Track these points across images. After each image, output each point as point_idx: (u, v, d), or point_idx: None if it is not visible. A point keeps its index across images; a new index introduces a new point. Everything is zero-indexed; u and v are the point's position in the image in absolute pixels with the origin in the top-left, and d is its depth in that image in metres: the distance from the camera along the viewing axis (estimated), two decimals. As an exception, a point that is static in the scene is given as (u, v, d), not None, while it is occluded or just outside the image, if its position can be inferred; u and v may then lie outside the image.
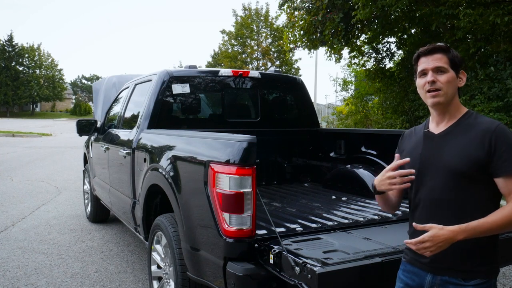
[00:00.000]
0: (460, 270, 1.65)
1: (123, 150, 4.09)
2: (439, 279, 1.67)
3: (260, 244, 2.35)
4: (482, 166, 1.62)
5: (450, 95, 1.70)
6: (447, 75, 1.68)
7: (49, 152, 15.89)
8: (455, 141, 1.69)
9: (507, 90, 8.22)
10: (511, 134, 1.63)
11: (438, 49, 1.70)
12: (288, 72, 25.57)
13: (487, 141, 1.61)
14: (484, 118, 1.71)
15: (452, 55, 1.71)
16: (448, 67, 1.69)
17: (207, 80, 4.44)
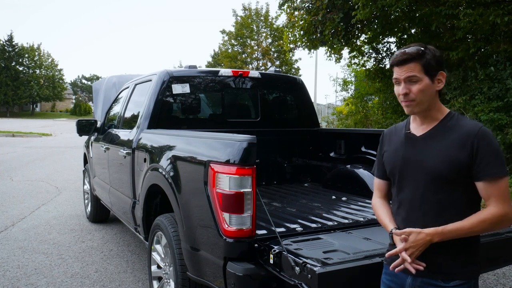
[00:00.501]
0: (440, 272, 1.65)
1: (123, 150, 4.09)
2: (419, 281, 1.68)
3: (260, 244, 2.35)
4: (464, 170, 1.61)
5: (426, 103, 1.67)
6: (420, 85, 1.64)
7: (49, 152, 15.89)
8: (436, 144, 1.68)
9: (507, 90, 8.21)
10: (493, 138, 1.63)
11: (410, 58, 1.64)
12: (288, 72, 25.57)
13: (469, 144, 1.60)
14: (466, 120, 1.69)
15: (426, 60, 1.64)
16: (421, 75, 1.64)
17: (207, 80, 4.44)
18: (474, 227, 1.57)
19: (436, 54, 1.67)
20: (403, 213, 1.75)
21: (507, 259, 2.70)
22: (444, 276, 1.64)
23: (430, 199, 1.67)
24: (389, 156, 1.83)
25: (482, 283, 3.91)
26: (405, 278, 1.72)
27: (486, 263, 2.63)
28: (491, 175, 1.58)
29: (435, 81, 1.67)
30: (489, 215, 1.58)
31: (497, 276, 4.07)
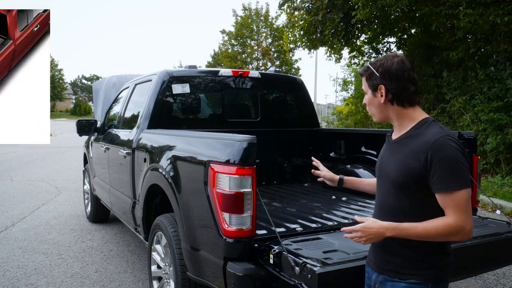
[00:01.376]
0: (396, 271, 1.69)
1: (123, 150, 4.09)
2: (381, 278, 1.75)
3: (260, 244, 2.35)
4: (419, 179, 1.61)
5: (378, 113, 1.76)
6: (366, 98, 1.78)
7: (49, 152, 15.89)
8: (399, 151, 1.70)
9: (507, 90, 8.21)
10: (449, 149, 1.56)
11: (361, 75, 1.78)
12: (288, 72, 25.56)
13: (423, 155, 1.58)
14: (433, 128, 1.64)
15: (368, 75, 1.73)
16: (367, 89, 1.76)
17: (207, 80, 4.44)
18: (427, 231, 1.57)
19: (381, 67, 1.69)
20: (375, 214, 1.82)
21: (507, 259, 2.70)
22: (399, 275, 1.68)
23: (392, 204, 1.71)
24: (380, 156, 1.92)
25: (482, 283, 3.91)
26: (372, 274, 1.80)
27: (486, 263, 2.64)
28: (444, 189, 1.56)
29: (376, 95, 1.72)
30: (443, 223, 1.56)
31: (497, 276, 4.07)
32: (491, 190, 7.54)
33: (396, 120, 1.74)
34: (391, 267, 1.71)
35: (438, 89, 10.20)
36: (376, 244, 1.77)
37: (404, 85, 1.67)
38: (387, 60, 1.69)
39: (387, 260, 1.72)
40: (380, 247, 1.76)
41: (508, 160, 8.38)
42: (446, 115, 9.66)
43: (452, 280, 2.97)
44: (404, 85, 1.67)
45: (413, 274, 1.66)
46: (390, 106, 1.71)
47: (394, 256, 1.70)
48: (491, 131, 8.20)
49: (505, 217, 3.03)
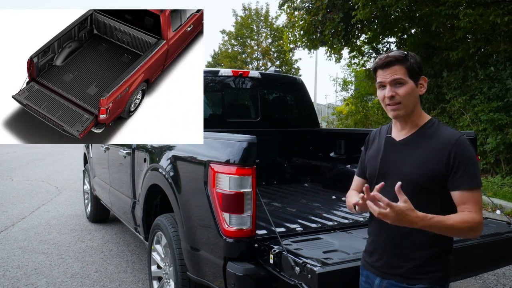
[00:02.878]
0: (404, 275, 1.66)
1: (123, 150, 4.09)
2: (386, 282, 1.70)
3: (260, 244, 2.35)
4: (439, 179, 1.61)
5: (411, 106, 1.67)
6: (406, 87, 1.64)
7: (49, 152, 15.89)
8: (415, 151, 1.67)
9: (507, 90, 8.21)
10: (471, 148, 1.61)
11: (394, 61, 1.63)
12: (288, 72, 25.54)
13: (446, 154, 1.59)
14: (446, 128, 1.68)
15: (410, 64, 1.64)
16: (406, 78, 1.64)
17: (207, 80, 4.44)
18: (456, 223, 1.53)
19: (417, 59, 1.68)
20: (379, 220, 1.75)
21: (507, 259, 2.71)
22: (409, 280, 1.65)
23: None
24: (370, 158, 1.84)
25: (482, 283, 3.91)
26: (374, 279, 1.75)
27: (486, 263, 2.64)
28: (468, 186, 1.57)
29: (418, 86, 1.68)
30: (470, 217, 1.55)
31: (497, 276, 4.07)
32: (491, 190, 7.54)
33: (412, 115, 1.70)
34: (397, 271, 1.67)
35: (438, 89, 10.20)
36: (380, 248, 1.74)
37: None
38: (411, 54, 1.67)
39: (393, 264, 1.68)
40: (384, 251, 1.72)
41: (508, 160, 8.38)
42: (446, 115, 9.65)
43: (452, 280, 2.97)
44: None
45: (419, 278, 1.63)
46: (419, 100, 1.70)
47: (400, 260, 1.67)
48: (491, 131, 8.20)
49: (505, 217, 3.03)
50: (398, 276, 1.67)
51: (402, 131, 1.74)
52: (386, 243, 1.71)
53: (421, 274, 1.64)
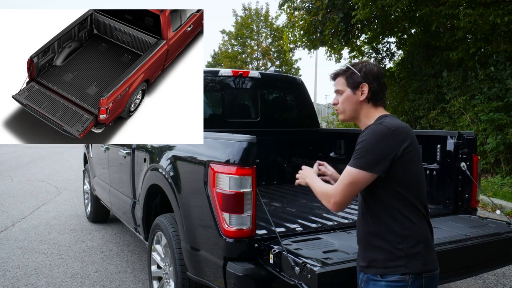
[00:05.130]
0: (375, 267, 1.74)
1: (123, 150, 4.09)
2: (366, 277, 1.79)
3: (260, 244, 2.35)
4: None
5: (350, 111, 1.88)
6: (343, 96, 1.89)
7: (49, 152, 15.89)
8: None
9: (507, 90, 8.21)
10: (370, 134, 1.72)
11: (337, 74, 1.93)
12: (288, 72, 25.53)
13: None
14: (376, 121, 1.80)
15: (348, 75, 1.87)
16: (344, 88, 1.89)
17: (207, 80, 4.43)
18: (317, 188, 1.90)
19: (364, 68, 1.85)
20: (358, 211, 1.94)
21: (507, 259, 2.70)
22: (379, 271, 1.72)
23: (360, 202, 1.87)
24: None
25: (482, 283, 3.92)
26: (359, 274, 1.86)
27: (486, 263, 2.63)
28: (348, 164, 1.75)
29: (356, 92, 1.86)
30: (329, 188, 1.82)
31: (497, 276, 4.07)
32: (491, 190, 7.54)
33: (363, 119, 1.87)
34: (368, 263, 1.76)
35: (438, 89, 10.20)
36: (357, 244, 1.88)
37: (381, 87, 1.86)
38: (367, 63, 1.88)
39: (365, 256, 1.79)
40: (358, 243, 1.86)
41: (508, 160, 8.38)
42: (446, 115, 9.66)
43: (452, 280, 2.97)
44: (381, 87, 1.86)
45: (389, 268, 1.69)
46: (365, 104, 1.86)
47: (369, 251, 1.77)
48: (491, 131, 8.20)
49: (505, 217, 3.03)
50: (370, 268, 1.75)
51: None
52: (358, 239, 1.87)
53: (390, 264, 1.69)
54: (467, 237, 2.51)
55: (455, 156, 3.16)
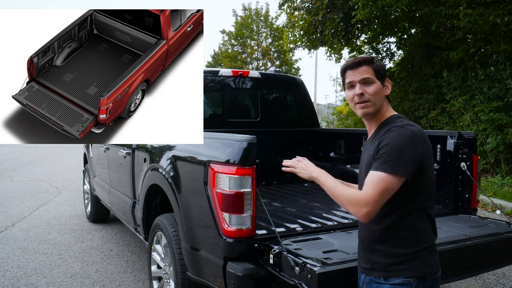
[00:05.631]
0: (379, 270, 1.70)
1: (123, 150, 4.09)
2: (368, 279, 1.76)
3: (260, 244, 2.35)
4: None
5: (378, 105, 1.76)
6: (374, 86, 1.74)
7: (49, 152, 15.89)
8: (368, 150, 1.77)
9: (507, 90, 8.21)
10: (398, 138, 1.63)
11: (363, 61, 1.75)
12: (288, 72, 25.53)
13: (376, 144, 1.68)
14: (395, 122, 1.71)
15: (377, 66, 1.76)
16: (374, 78, 1.74)
17: (207, 80, 4.43)
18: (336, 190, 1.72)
19: (382, 63, 1.81)
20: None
21: (507, 259, 2.70)
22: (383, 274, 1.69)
23: None
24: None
25: (482, 283, 3.92)
26: (360, 276, 1.82)
27: (486, 263, 2.63)
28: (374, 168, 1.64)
29: (384, 86, 1.78)
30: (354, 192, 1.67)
31: (497, 276, 4.07)
32: (491, 190, 7.54)
33: (380, 115, 1.79)
34: (372, 266, 1.73)
35: (438, 89, 10.20)
36: (359, 246, 1.83)
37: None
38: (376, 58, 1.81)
39: (369, 259, 1.75)
40: (361, 246, 1.81)
41: (508, 160, 8.38)
42: (446, 115, 9.66)
43: (452, 280, 2.97)
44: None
45: (393, 271, 1.67)
46: (385, 100, 1.79)
47: (374, 254, 1.73)
48: (491, 131, 8.20)
49: (505, 217, 3.03)
50: (374, 271, 1.72)
51: (370, 132, 1.84)
52: (361, 241, 1.81)
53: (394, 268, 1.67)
54: (467, 237, 2.51)
55: (455, 156, 3.16)
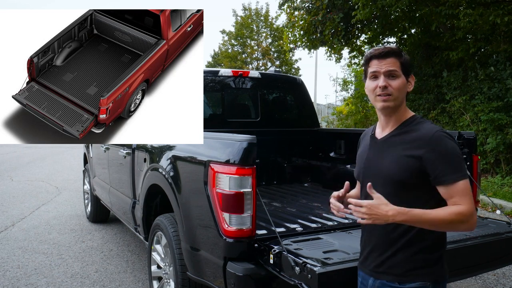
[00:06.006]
0: (395, 274, 1.65)
1: (123, 150, 4.09)
2: (378, 282, 1.70)
3: (260, 244, 2.35)
4: (419, 174, 1.60)
5: (400, 101, 1.67)
6: (399, 81, 1.65)
7: (49, 152, 15.89)
8: (394, 148, 1.68)
9: (507, 90, 8.21)
10: (449, 141, 1.59)
11: (391, 53, 1.65)
12: (288, 72, 25.53)
13: (422, 150, 1.58)
14: (425, 124, 1.67)
15: (404, 60, 1.67)
16: (400, 72, 1.65)
17: (207, 80, 4.43)
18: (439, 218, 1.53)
19: (408, 57, 1.71)
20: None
21: (507, 259, 2.70)
22: (399, 278, 1.64)
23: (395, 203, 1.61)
24: (358, 159, 1.88)
25: (482, 283, 3.91)
26: (368, 279, 1.75)
27: (486, 263, 2.64)
28: (450, 179, 1.55)
29: (408, 82, 1.69)
30: (456, 211, 1.54)
31: (497, 276, 4.07)
32: (491, 190, 7.54)
33: (397, 111, 1.70)
34: (387, 271, 1.67)
35: (438, 89, 10.20)
36: (370, 249, 1.74)
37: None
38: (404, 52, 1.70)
39: (382, 264, 1.68)
40: (374, 251, 1.72)
41: (508, 160, 8.38)
42: (446, 115, 9.66)
43: (452, 280, 2.97)
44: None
45: (410, 276, 1.62)
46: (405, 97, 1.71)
47: (389, 258, 1.66)
48: (491, 131, 8.20)
49: (505, 217, 3.03)
50: (389, 275, 1.66)
51: (386, 128, 1.75)
52: (375, 244, 1.71)
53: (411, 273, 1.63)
54: (467, 237, 2.51)
55: (455, 156, 3.15)
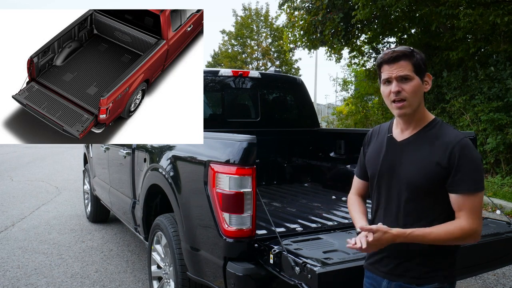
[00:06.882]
0: (412, 277, 1.64)
1: (123, 150, 4.09)
2: (394, 285, 1.67)
3: (260, 244, 2.35)
4: (441, 181, 1.57)
5: (416, 104, 1.62)
6: (412, 84, 1.59)
7: (49, 152, 15.89)
8: (416, 152, 1.63)
9: (507, 90, 8.21)
10: (474, 150, 1.57)
11: (401, 56, 1.59)
12: (288, 72, 25.53)
13: (447, 156, 1.55)
14: (449, 129, 1.64)
15: (416, 60, 1.60)
16: (412, 74, 1.59)
17: (207, 80, 4.43)
18: (439, 237, 1.53)
19: (422, 55, 1.65)
20: (381, 218, 1.72)
21: (507, 259, 2.70)
22: (417, 281, 1.62)
23: (406, 207, 1.63)
24: (370, 158, 1.80)
25: (482, 283, 3.91)
26: (381, 281, 1.72)
27: (486, 263, 2.64)
28: (465, 189, 1.53)
29: (423, 82, 1.63)
30: (457, 228, 1.53)
31: (497, 276, 4.07)
32: (491, 190, 7.54)
33: (416, 114, 1.65)
34: (405, 274, 1.64)
35: (438, 89, 10.20)
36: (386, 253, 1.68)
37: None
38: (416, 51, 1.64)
39: (400, 267, 1.65)
40: (391, 255, 1.67)
41: (508, 160, 8.38)
42: (446, 115, 9.65)
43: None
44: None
45: (428, 278, 1.61)
46: (423, 98, 1.64)
47: (406, 261, 1.64)
48: (491, 131, 8.20)
49: (505, 217, 3.03)
50: (406, 277, 1.64)
51: (405, 131, 1.69)
52: (392, 248, 1.62)
53: (429, 275, 1.62)
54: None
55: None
